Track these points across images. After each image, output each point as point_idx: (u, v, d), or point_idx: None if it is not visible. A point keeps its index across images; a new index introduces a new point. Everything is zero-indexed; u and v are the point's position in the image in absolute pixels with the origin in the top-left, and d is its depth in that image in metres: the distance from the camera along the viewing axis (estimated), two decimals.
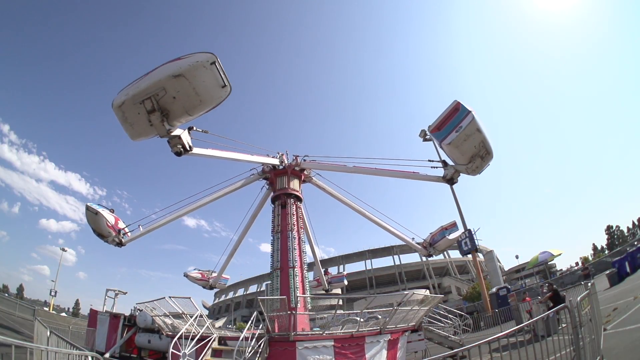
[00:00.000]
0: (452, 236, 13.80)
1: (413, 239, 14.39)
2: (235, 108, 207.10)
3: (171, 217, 13.25)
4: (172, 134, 7.97)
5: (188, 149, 8.67)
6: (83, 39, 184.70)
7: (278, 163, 14.61)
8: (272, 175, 14.69)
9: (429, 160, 10.48)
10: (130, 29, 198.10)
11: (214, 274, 17.00)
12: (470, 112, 8.30)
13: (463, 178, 9.83)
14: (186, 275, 16.49)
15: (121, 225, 12.26)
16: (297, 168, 14.65)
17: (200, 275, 16.58)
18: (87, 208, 11.44)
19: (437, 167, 10.27)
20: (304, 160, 14.77)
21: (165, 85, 6.97)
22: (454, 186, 26.26)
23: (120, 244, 11.97)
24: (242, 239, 16.86)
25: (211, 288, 17.08)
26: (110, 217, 11.68)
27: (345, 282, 21.65)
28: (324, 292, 20.19)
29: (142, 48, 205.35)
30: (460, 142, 8.30)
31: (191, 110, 7.53)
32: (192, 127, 8.90)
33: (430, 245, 13.95)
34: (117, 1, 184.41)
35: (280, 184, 14.38)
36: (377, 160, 13.28)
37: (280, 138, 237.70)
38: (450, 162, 9.55)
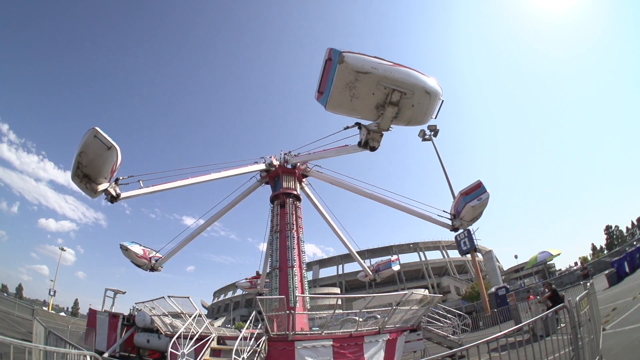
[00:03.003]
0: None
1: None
2: (235, 108, 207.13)
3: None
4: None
5: (372, 150, 8.47)
6: (83, 39, 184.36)
7: (263, 168, 14.56)
8: (268, 178, 14.75)
9: (444, 211, 12.37)
10: (130, 28, 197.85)
11: (157, 255, 14.52)
12: (487, 191, 11.07)
13: (462, 176, 10.51)
14: (125, 249, 13.53)
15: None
16: (288, 166, 14.61)
17: (142, 252, 13.85)
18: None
19: (442, 216, 12.32)
20: (293, 156, 14.66)
21: (415, 91, 6.84)
22: (452, 185, 26.64)
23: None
24: (211, 224, 16.07)
25: (152, 270, 14.37)
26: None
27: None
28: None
29: (142, 48, 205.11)
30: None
31: (412, 122, 7.56)
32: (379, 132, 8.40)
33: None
34: (117, 1, 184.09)
35: (277, 184, 14.35)
36: (395, 195, 13.61)
37: (279, 139, 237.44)
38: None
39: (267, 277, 14.70)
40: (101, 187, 9.03)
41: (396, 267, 17.52)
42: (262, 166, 14.54)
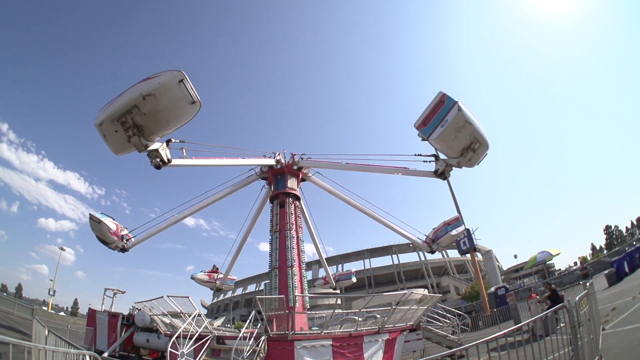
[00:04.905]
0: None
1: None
2: (235, 108, 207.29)
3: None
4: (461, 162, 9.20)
5: (443, 179, 10.10)
6: (83, 39, 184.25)
7: (274, 163, 14.57)
8: (270, 174, 14.68)
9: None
10: (129, 28, 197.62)
11: (129, 234, 12.93)
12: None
13: (462, 176, 10.14)
14: (97, 221, 11.77)
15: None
16: (295, 167, 14.64)
17: (115, 227, 12.32)
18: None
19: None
20: (301, 158, 14.77)
21: (484, 145, 8.57)
22: (452, 185, 26.53)
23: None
24: (197, 211, 15.38)
25: (122, 250, 12.80)
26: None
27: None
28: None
29: (142, 48, 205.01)
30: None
31: (469, 164, 8.97)
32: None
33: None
34: (117, 1, 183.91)
35: (279, 184, 14.36)
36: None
37: (279, 138, 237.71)
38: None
39: (267, 277, 14.70)
40: (153, 146, 7.77)
41: (353, 279, 20.59)
42: (272, 161, 14.55)
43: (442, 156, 9.58)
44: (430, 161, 10.14)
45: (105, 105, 7.14)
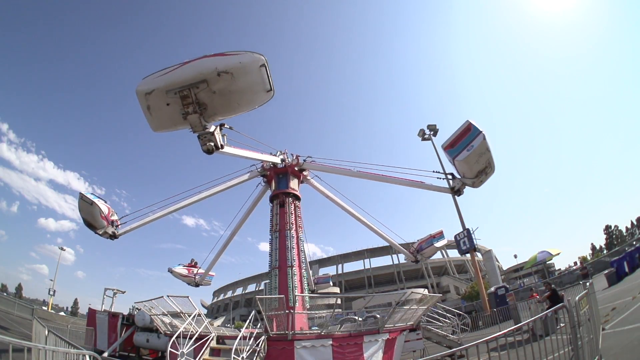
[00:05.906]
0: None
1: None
2: None
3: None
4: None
5: (458, 195, 11.51)
6: (83, 39, 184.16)
7: (279, 161, 14.54)
8: (272, 173, 14.61)
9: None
10: (129, 28, 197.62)
11: (118, 221, 11.72)
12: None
13: None
14: (89, 202, 10.76)
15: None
16: (297, 168, 14.62)
17: (107, 210, 11.16)
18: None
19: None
20: (304, 160, 14.76)
21: (494, 170, 9.90)
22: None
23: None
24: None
25: (112, 237, 11.56)
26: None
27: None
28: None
29: (142, 48, 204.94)
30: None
31: (479, 185, 10.42)
32: None
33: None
34: (117, 1, 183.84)
35: (280, 183, 14.33)
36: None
37: (278, 137, 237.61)
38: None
39: (267, 277, 14.75)
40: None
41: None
42: (278, 159, 14.49)
43: (457, 175, 10.85)
44: (442, 178, 11.86)
45: (158, 72, 6.30)
